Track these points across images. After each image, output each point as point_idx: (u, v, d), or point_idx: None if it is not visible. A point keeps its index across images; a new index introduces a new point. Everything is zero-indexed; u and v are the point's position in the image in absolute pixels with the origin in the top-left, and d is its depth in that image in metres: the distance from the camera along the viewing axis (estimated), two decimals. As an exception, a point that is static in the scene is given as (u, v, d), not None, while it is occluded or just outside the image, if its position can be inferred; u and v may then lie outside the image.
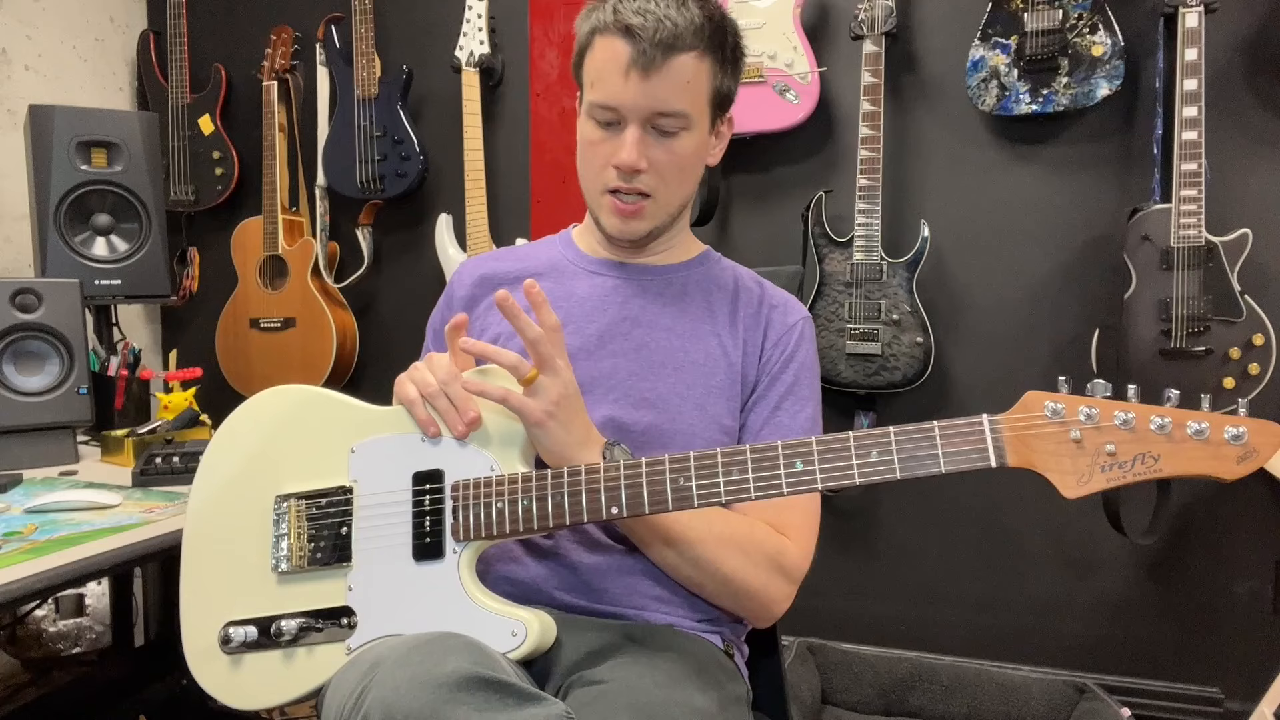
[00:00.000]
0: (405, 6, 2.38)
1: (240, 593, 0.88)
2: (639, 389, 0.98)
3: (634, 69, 0.92)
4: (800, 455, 0.77)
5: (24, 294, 1.47)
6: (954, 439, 0.74)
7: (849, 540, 2.13)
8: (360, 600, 0.85)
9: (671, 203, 1.01)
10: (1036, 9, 1.81)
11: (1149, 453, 0.69)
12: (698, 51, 0.93)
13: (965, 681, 1.93)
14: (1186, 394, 0.68)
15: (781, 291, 1.10)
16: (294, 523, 0.89)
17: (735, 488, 0.78)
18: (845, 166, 2.04)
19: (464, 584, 0.83)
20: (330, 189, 2.35)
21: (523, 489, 0.83)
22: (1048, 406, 0.72)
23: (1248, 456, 0.67)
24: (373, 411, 0.93)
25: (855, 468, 0.75)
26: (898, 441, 0.75)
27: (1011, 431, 0.73)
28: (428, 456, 0.88)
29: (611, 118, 0.96)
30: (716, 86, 0.98)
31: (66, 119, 1.79)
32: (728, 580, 0.93)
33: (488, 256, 1.15)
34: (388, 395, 1.10)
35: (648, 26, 0.91)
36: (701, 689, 0.83)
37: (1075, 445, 0.71)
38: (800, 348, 1.04)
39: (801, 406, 1.02)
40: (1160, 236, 1.74)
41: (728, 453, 0.79)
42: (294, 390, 0.95)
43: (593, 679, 0.82)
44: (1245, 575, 1.87)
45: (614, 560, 0.95)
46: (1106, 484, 0.70)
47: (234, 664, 0.86)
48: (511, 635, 0.80)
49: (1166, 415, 0.69)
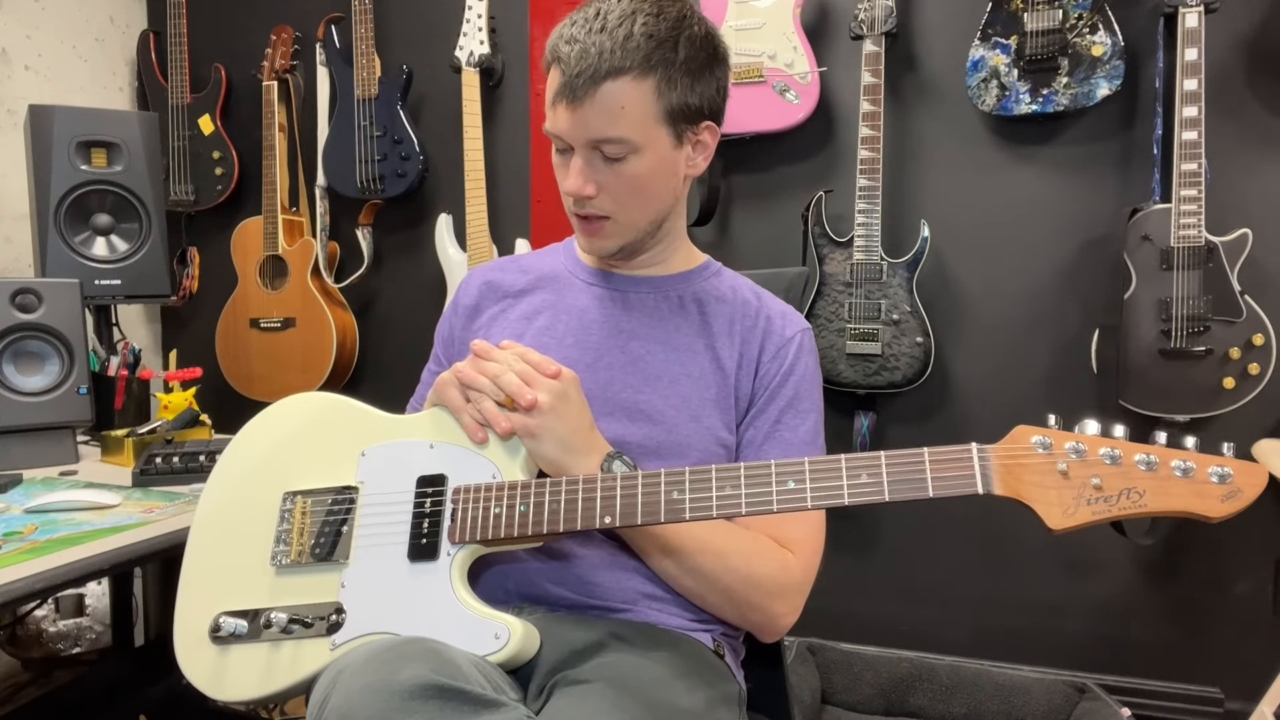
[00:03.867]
0: (405, 6, 2.38)
1: (237, 585, 0.89)
2: (634, 402, 0.99)
3: (562, 99, 0.91)
4: (793, 474, 0.78)
5: (24, 294, 1.47)
6: (943, 465, 0.75)
7: (849, 540, 2.13)
8: (351, 597, 0.85)
9: (637, 222, 0.99)
10: (1036, 9, 1.81)
11: (1134, 488, 0.70)
12: (633, 75, 0.89)
13: (965, 681, 1.93)
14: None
15: (780, 303, 1.09)
16: (298, 519, 0.90)
17: (727, 502, 0.79)
18: (845, 166, 2.04)
19: (454, 586, 0.84)
20: (330, 189, 2.35)
21: (520, 495, 0.85)
22: (1035, 440, 0.74)
23: (1232, 496, 0.68)
24: (390, 420, 0.95)
25: (845, 489, 0.77)
26: (888, 466, 0.76)
27: (999, 461, 0.74)
28: (434, 462, 0.90)
29: (561, 145, 0.96)
30: (669, 105, 0.92)
31: (66, 119, 1.79)
32: (728, 592, 0.93)
33: (492, 266, 1.15)
34: (388, 395, 1.10)
35: (572, 56, 0.89)
36: (689, 689, 0.83)
37: (1061, 477, 0.72)
38: (800, 360, 1.03)
39: (802, 420, 1.02)
40: (1160, 236, 1.74)
41: (722, 469, 0.80)
42: (316, 397, 0.99)
43: (577, 678, 0.82)
44: (1245, 575, 1.87)
45: (607, 556, 0.95)
46: (1092, 517, 0.71)
47: (221, 654, 0.87)
48: (494, 638, 0.81)
49: (1153, 452, 0.71)
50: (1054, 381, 1.97)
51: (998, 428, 0.74)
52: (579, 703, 0.78)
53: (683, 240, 1.11)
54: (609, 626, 0.90)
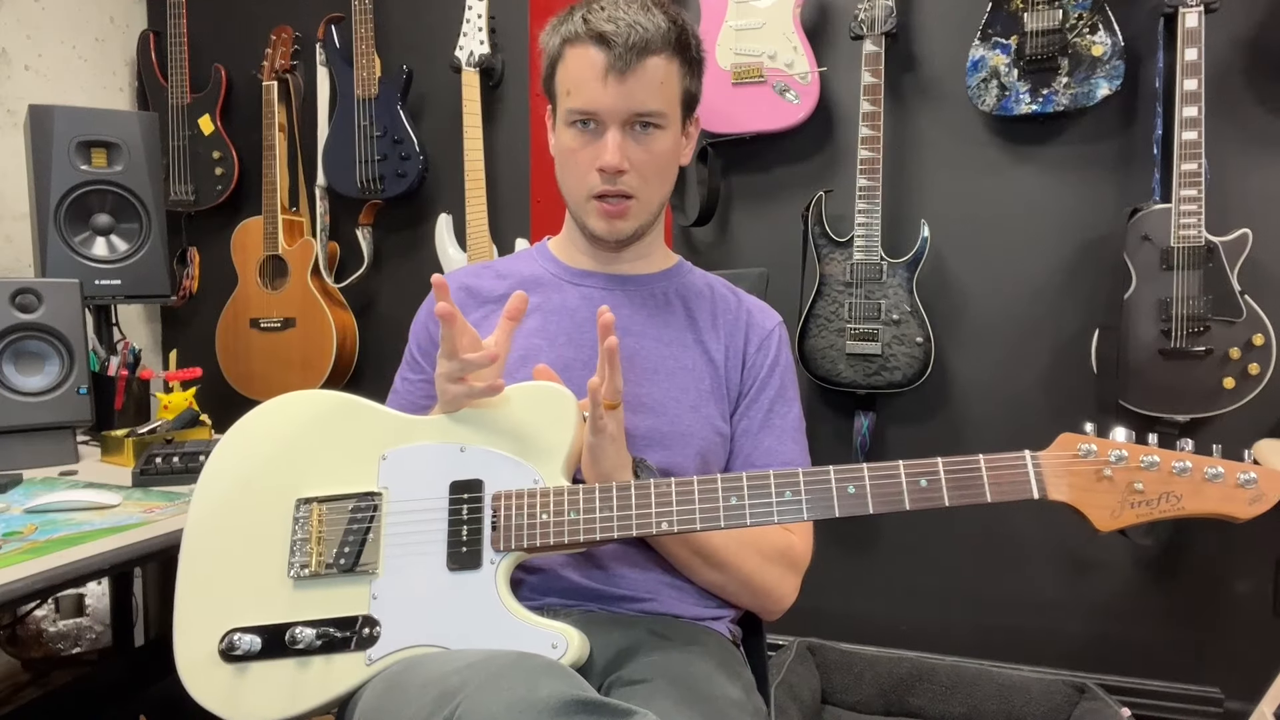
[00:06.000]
0: (405, 6, 2.38)
1: (247, 599, 0.85)
2: (635, 395, 1.00)
3: (611, 73, 0.96)
4: (852, 479, 0.80)
5: (24, 294, 1.47)
6: (1000, 472, 0.79)
7: (849, 540, 2.13)
8: (385, 609, 0.82)
9: (653, 201, 1.04)
10: (1036, 9, 1.81)
11: (1172, 492, 0.76)
12: (667, 54, 0.98)
13: (965, 681, 1.93)
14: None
15: (755, 298, 1.15)
16: (315, 526, 0.86)
17: (787, 507, 0.81)
18: (845, 166, 2.04)
19: (501, 595, 0.81)
20: (330, 189, 2.35)
21: (569, 502, 0.83)
22: (1082, 448, 0.79)
23: (1258, 499, 0.75)
24: (407, 420, 0.91)
25: (905, 494, 0.80)
26: (946, 472, 0.80)
27: (1051, 467, 0.79)
28: (466, 466, 0.86)
29: (591, 122, 0.99)
30: (686, 87, 1.02)
31: (66, 119, 1.78)
32: (748, 580, 0.97)
33: (466, 271, 1.14)
34: (388, 395, 1.10)
35: (620, 32, 0.95)
36: (729, 679, 0.87)
37: (1108, 482, 0.78)
38: (781, 351, 1.10)
39: (789, 407, 1.08)
40: (1160, 236, 1.74)
41: (780, 474, 0.82)
42: (323, 395, 0.94)
43: (632, 677, 0.83)
44: (1245, 575, 1.87)
45: (622, 548, 0.97)
46: (1136, 519, 0.77)
47: (237, 674, 0.82)
48: (552, 648, 0.79)
49: (1187, 460, 0.77)
50: (1054, 381, 1.97)
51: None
52: (649, 701, 0.78)
53: (661, 237, 1.15)
54: (645, 624, 0.92)
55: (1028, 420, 1.98)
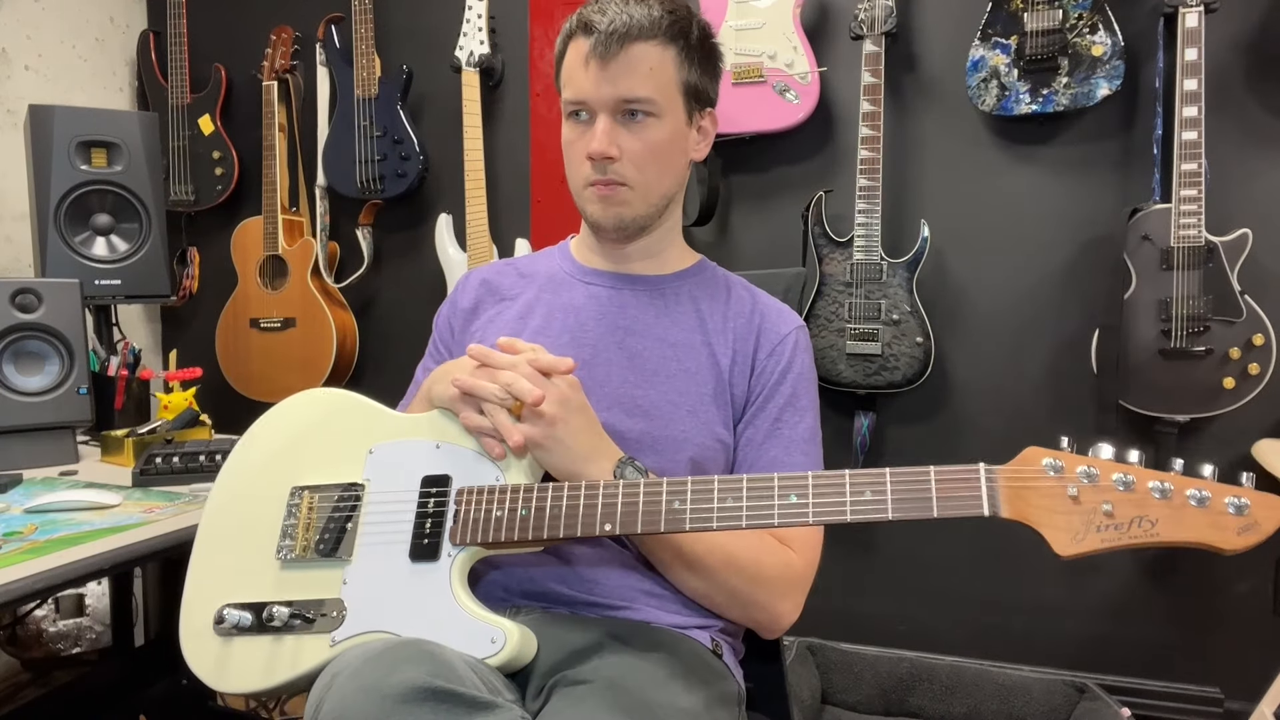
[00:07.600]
0: (405, 6, 2.38)
1: (242, 577, 0.90)
2: (632, 396, 0.99)
3: (593, 59, 0.96)
4: (795, 488, 0.77)
5: (24, 294, 1.47)
6: (949, 485, 0.73)
7: (849, 540, 2.13)
8: (352, 595, 0.86)
9: (652, 191, 1.02)
10: (1036, 9, 1.81)
11: (1146, 516, 0.67)
12: (658, 41, 0.97)
13: (965, 681, 1.93)
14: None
15: (775, 301, 1.10)
16: (304, 513, 0.91)
17: (728, 514, 0.78)
18: (845, 166, 2.04)
19: (453, 587, 0.84)
20: (330, 189, 2.35)
21: (523, 499, 0.85)
22: (1046, 463, 0.71)
23: (1249, 529, 0.66)
24: (400, 419, 0.96)
25: (848, 505, 0.75)
26: (893, 483, 0.74)
27: (1008, 483, 0.71)
28: (439, 462, 0.90)
29: (582, 113, 0.99)
30: (685, 78, 1.00)
31: (66, 119, 1.79)
32: (734, 592, 0.94)
33: (490, 268, 1.16)
34: (389, 395, 1.10)
35: (604, 20, 0.96)
36: (687, 689, 0.84)
37: (1072, 502, 0.69)
38: (796, 358, 1.05)
39: (801, 417, 1.03)
40: (1160, 236, 1.74)
41: (725, 480, 0.80)
42: (329, 393, 0.99)
43: (576, 679, 0.82)
44: (1245, 575, 1.87)
45: (607, 553, 0.96)
46: (1101, 544, 0.68)
47: (223, 645, 0.87)
48: (490, 642, 0.81)
49: (1167, 480, 0.67)
50: (1054, 381, 1.97)
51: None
52: (578, 703, 0.78)
53: (679, 237, 1.13)
54: (606, 626, 0.90)
55: (1028, 420, 1.98)
